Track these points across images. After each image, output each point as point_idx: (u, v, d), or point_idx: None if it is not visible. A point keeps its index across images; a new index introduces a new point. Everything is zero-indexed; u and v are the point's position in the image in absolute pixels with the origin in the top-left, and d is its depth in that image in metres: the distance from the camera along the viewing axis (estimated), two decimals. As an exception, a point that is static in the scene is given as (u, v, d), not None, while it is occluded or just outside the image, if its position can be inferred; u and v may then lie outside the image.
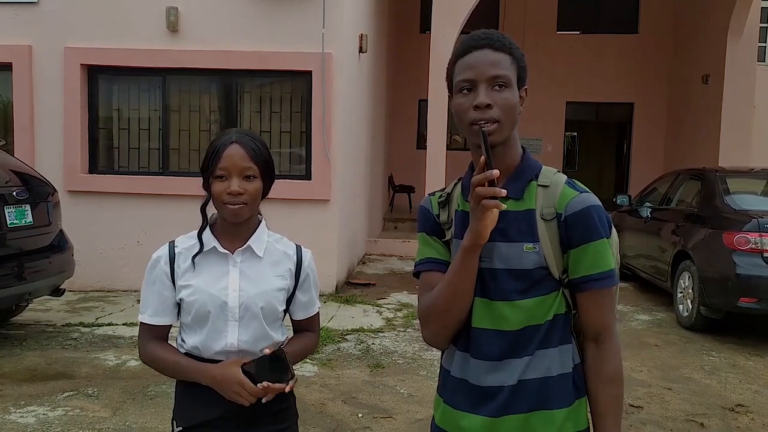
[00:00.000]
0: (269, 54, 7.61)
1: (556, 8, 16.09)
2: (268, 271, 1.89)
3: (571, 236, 1.52)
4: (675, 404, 4.77)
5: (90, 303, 7.18)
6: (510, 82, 1.51)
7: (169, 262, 1.86)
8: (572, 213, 1.51)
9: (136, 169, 8.06)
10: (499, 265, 1.54)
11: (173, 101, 8.01)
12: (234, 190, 1.78)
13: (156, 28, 7.66)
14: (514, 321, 1.54)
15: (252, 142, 1.83)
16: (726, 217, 6.63)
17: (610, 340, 1.56)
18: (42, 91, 7.78)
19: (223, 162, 1.79)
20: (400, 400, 4.66)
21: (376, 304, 7.42)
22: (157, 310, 1.87)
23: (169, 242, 1.91)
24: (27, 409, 4.30)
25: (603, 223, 1.54)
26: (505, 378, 1.54)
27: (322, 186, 7.67)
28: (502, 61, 1.51)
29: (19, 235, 5.57)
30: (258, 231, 1.90)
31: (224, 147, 1.81)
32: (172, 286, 1.86)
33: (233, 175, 1.79)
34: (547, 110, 15.79)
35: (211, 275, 1.85)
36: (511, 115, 1.51)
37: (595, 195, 1.58)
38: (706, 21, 13.09)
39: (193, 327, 1.86)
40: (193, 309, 1.83)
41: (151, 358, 1.88)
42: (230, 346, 1.83)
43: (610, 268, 1.53)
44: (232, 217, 1.83)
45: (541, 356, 1.54)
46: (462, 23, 10.11)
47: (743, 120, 12.09)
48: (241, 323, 1.84)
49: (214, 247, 1.86)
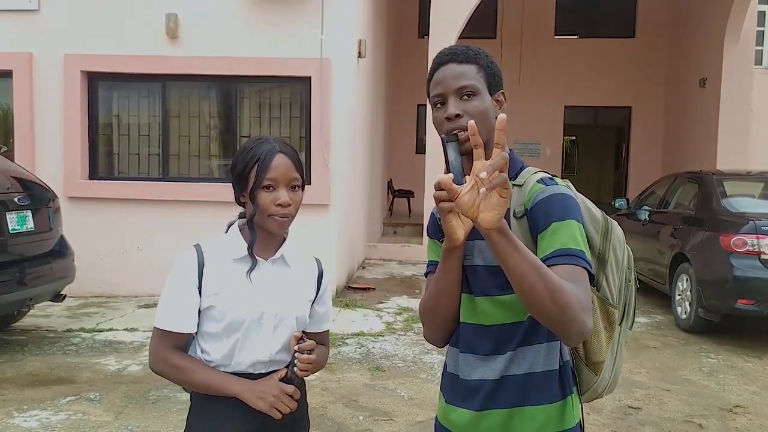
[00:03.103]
0: (268, 60, 7.65)
1: (554, 13, 16.16)
2: (299, 281, 1.87)
3: (535, 225, 1.53)
4: (673, 405, 4.80)
5: (91, 309, 7.20)
6: (477, 90, 1.58)
7: (198, 268, 1.76)
8: (536, 203, 1.53)
9: (136, 175, 8.10)
10: (479, 262, 1.59)
11: (173, 107, 8.05)
12: (285, 201, 1.73)
13: (156, 35, 7.70)
14: (493, 316, 1.59)
15: (294, 152, 1.80)
16: (723, 220, 6.67)
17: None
18: (42, 98, 7.82)
19: (272, 172, 1.72)
20: (400, 402, 4.69)
21: (376, 309, 7.45)
22: (181, 317, 1.76)
23: (195, 246, 1.81)
24: (30, 414, 4.32)
25: (567, 207, 1.51)
26: (488, 373, 1.59)
27: (322, 191, 7.70)
28: (467, 72, 1.58)
29: (21, 241, 5.59)
30: (287, 241, 1.87)
31: (271, 156, 1.73)
32: (198, 293, 1.76)
33: (281, 186, 1.74)
34: (546, 114, 15.86)
35: (245, 283, 1.77)
36: (482, 120, 1.56)
37: (571, 192, 1.56)
38: (703, 25, 13.15)
39: (220, 337, 1.77)
40: (226, 318, 1.75)
41: (176, 366, 1.76)
42: (263, 357, 1.79)
43: (568, 246, 1.46)
44: (278, 229, 1.77)
45: (525, 352, 1.57)
46: (460, 28, 10.17)
47: (740, 123, 12.13)
48: (274, 333, 1.80)
49: (245, 256, 1.79)
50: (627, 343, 1.76)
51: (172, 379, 1.80)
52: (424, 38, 12.94)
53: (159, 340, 1.78)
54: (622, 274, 1.69)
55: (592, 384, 1.67)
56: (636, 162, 16.21)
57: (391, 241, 11.93)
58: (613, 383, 1.73)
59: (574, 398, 1.61)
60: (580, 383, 1.67)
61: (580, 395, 1.67)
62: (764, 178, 7.84)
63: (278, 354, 1.81)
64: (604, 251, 1.64)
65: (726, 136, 12.09)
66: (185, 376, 1.76)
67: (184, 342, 1.80)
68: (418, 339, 6.24)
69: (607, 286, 1.64)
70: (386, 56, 12.94)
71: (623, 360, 1.75)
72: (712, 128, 12.40)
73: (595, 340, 1.62)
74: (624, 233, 1.76)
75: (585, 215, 1.61)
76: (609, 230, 1.66)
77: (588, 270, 1.46)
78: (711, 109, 12.49)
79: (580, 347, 1.63)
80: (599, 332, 1.62)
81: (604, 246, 1.64)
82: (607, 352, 1.65)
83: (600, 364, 1.64)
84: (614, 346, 1.68)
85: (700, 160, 12.38)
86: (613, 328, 1.65)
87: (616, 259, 1.66)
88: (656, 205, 8.52)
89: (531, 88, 15.44)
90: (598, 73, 15.76)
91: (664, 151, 15.63)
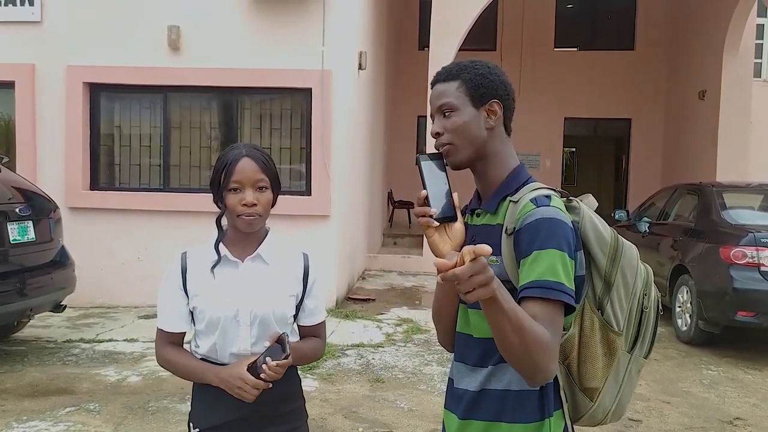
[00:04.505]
0: (269, 71, 7.69)
1: (554, 25, 16.22)
2: (278, 278, 1.97)
3: (519, 249, 1.51)
4: (674, 417, 4.79)
5: (91, 319, 7.20)
6: (454, 106, 1.61)
7: (181, 273, 1.94)
8: (524, 225, 1.51)
9: (137, 186, 8.11)
10: None
11: (174, 118, 8.08)
12: (249, 201, 1.86)
13: (158, 46, 7.74)
14: (481, 329, 1.60)
15: (262, 155, 1.93)
16: (723, 232, 6.68)
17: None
18: (44, 109, 7.85)
19: (236, 175, 1.87)
20: (400, 414, 4.68)
21: (376, 320, 7.44)
22: (172, 318, 1.97)
23: (182, 253, 1.99)
24: (29, 425, 4.32)
25: (551, 234, 1.48)
26: (472, 384, 1.62)
27: (322, 202, 7.72)
28: (447, 89, 1.63)
29: (22, 251, 5.60)
30: (266, 240, 1.99)
31: (236, 161, 1.88)
32: (184, 295, 1.95)
33: (247, 187, 1.87)
34: (546, 126, 15.88)
35: (222, 284, 1.92)
36: (462, 135, 1.61)
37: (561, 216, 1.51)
38: (702, 37, 13.21)
39: (206, 333, 1.94)
40: (205, 317, 1.91)
41: (166, 361, 1.98)
42: (243, 350, 1.92)
43: (545, 278, 1.45)
44: (246, 228, 1.90)
45: (504, 368, 1.56)
46: (460, 40, 10.22)
47: (740, 135, 12.16)
48: (252, 329, 1.92)
49: (225, 256, 1.94)
50: (640, 372, 1.68)
51: (169, 371, 2.01)
52: (424, 50, 13.00)
53: (157, 338, 2.01)
54: (634, 300, 1.61)
55: (587, 409, 1.61)
56: (636, 173, 16.24)
57: (391, 252, 11.93)
58: (619, 411, 1.65)
59: (554, 421, 1.56)
60: (575, 407, 1.62)
61: (567, 419, 1.60)
62: (764, 190, 7.86)
63: (257, 347, 1.91)
64: (610, 274, 1.58)
65: (725, 148, 12.11)
66: (175, 368, 1.97)
67: (178, 339, 1.99)
68: (418, 350, 6.24)
69: (612, 311, 1.58)
70: (387, 68, 12.99)
71: (633, 388, 1.67)
72: (711, 140, 12.43)
73: (589, 365, 1.58)
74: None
75: (591, 236, 1.57)
76: (619, 253, 1.59)
77: (565, 301, 1.46)
78: (710, 121, 12.52)
79: (574, 371, 1.59)
80: (595, 358, 1.57)
81: (612, 269, 1.58)
82: (608, 379, 1.59)
83: (594, 390, 1.59)
84: (620, 373, 1.62)
85: (700, 171, 12.39)
86: (614, 355, 1.58)
87: (625, 284, 1.59)
88: (656, 216, 8.54)
89: (531, 99, 15.46)
90: (597, 85, 15.80)
91: (664, 162, 15.65)
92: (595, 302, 1.59)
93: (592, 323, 1.58)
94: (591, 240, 1.58)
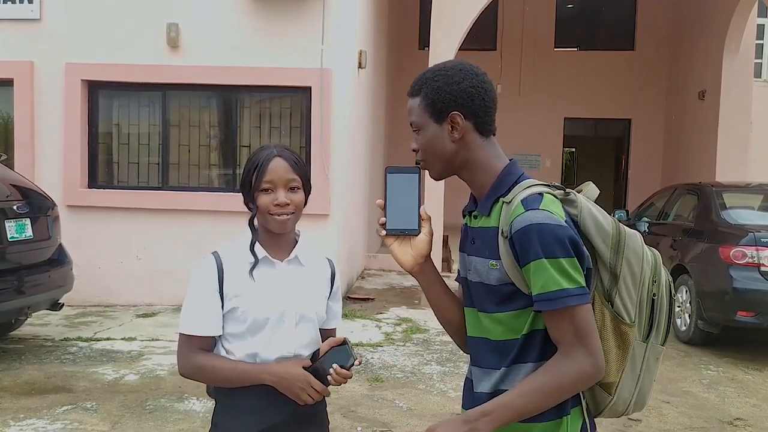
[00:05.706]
0: (269, 70, 7.67)
1: (554, 25, 16.22)
2: (314, 280, 1.98)
3: (516, 257, 1.52)
4: (673, 417, 4.78)
5: (88, 318, 7.18)
6: (418, 125, 1.64)
7: (218, 274, 1.87)
8: (515, 232, 1.51)
9: (136, 184, 8.09)
10: (475, 278, 1.63)
11: (173, 116, 8.06)
12: (282, 201, 1.84)
13: (157, 44, 7.72)
14: (495, 332, 1.60)
15: (293, 155, 1.91)
16: (723, 232, 6.67)
17: (568, 355, 1.49)
18: (43, 107, 7.82)
19: (268, 175, 1.85)
20: (398, 413, 4.66)
21: (375, 319, 7.43)
22: (205, 321, 1.87)
23: (213, 253, 1.91)
24: (26, 423, 4.30)
25: (543, 242, 1.47)
26: (485, 386, 1.62)
27: (321, 201, 7.69)
28: (412, 106, 1.66)
29: (19, 249, 5.59)
30: (300, 241, 1.98)
31: (268, 161, 1.86)
32: (219, 297, 1.86)
33: (279, 187, 1.85)
34: (546, 126, 15.89)
35: (263, 284, 1.88)
36: (429, 152, 1.65)
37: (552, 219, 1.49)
38: (703, 38, 13.20)
39: (245, 336, 1.87)
40: (248, 318, 1.85)
41: (200, 368, 1.86)
42: (287, 353, 1.88)
43: (548, 290, 1.47)
44: (279, 228, 1.87)
45: (517, 370, 1.57)
46: (460, 40, 10.19)
47: (740, 135, 12.15)
48: (296, 329, 1.90)
49: (264, 257, 1.90)
50: (659, 359, 1.66)
51: (201, 379, 1.90)
52: (424, 50, 12.98)
53: (184, 345, 1.89)
54: (643, 288, 1.59)
55: (607, 403, 1.60)
56: (635, 174, 16.24)
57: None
58: (640, 401, 1.64)
59: (571, 419, 1.56)
60: (594, 402, 1.62)
61: (586, 416, 1.60)
62: (763, 190, 7.85)
63: (302, 349, 1.90)
64: (615, 265, 1.57)
65: (725, 148, 12.10)
66: (214, 374, 1.86)
67: (208, 345, 1.89)
68: (417, 350, 6.22)
69: (621, 303, 1.57)
70: (387, 67, 12.97)
71: (653, 376, 1.66)
72: (711, 140, 12.42)
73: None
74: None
75: (592, 229, 1.56)
76: (621, 242, 1.58)
77: (577, 302, 1.47)
78: (710, 122, 12.51)
79: None
80: (608, 351, 1.55)
81: (616, 260, 1.57)
82: (624, 371, 1.58)
83: (611, 384, 1.58)
84: (636, 363, 1.60)
85: (700, 171, 12.38)
86: (627, 347, 1.57)
87: (632, 273, 1.58)
88: (656, 216, 8.53)
89: (531, 99, 15.49)
90: (597, 85, 15.80)
91: (664, 162, 15.65)
92: (605, 295, 1.58)
93: (603, 316, 1.57)
94: (592, 233, 1.56)
